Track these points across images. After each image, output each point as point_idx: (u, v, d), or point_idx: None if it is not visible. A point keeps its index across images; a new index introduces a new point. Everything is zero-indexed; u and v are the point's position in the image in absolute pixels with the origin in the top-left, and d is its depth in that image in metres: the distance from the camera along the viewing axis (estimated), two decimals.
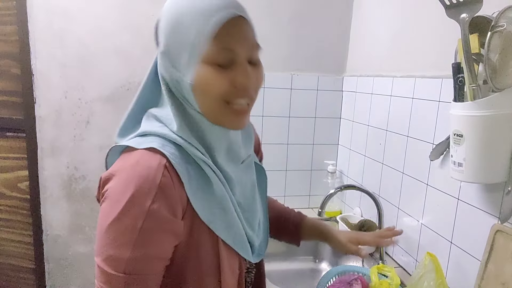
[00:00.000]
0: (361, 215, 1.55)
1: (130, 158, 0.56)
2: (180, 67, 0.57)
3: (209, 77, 0.56)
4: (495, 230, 0.86)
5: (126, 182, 0.54)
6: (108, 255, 0.53)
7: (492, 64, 0.77)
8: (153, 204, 0.53)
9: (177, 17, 0.56)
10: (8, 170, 1.60)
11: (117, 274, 0.53)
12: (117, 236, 0.53)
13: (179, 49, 0.57)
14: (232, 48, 0.56)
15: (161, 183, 0.53)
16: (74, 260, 1.65)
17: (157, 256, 0.56)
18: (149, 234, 0.53)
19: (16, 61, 1.50)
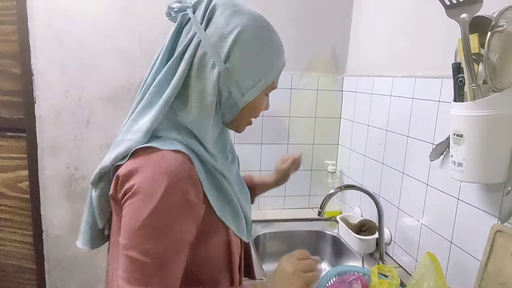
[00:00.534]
0: (361, 215, 1.55)
1: (153, 155, 0.59)
2: (242, 88, 0.66)
3: (259, 105, 0.72)
4: (495, 230, 0.86)
5: (156, 176, 0.56)
6: (148, 248, 0.56)
7: (492, 64, 0.77)
8: (187, 194, 0.58)
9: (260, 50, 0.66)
10: (8, 170, 1.60)
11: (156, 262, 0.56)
12: (156, 229, 0.56)
13: (249, 73, 0.65)
14: (276, 86, 0.75)
15: (189, 173, 0.59)
16: (74, 260, 1.65)
17: (187, 240, 0.61)
18: (185, 221, 0.59)
19: (16, 61, 1.50)
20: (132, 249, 0.56)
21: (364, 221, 1.42)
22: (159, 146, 0.59)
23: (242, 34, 0.62)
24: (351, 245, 1.42)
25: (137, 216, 0.56)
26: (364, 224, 1.41)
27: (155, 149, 0.59)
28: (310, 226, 1.61)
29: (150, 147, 0.59)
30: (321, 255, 1.58)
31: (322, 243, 1.59)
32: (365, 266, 1.22)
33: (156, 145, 0.59)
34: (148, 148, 0.59)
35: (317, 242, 1.59)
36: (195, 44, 0.62)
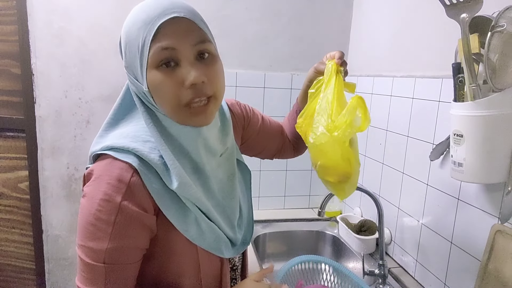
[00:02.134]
0: (361, 215, 1.55)
1: (104, 161, 0.61)
2: (138, 76, 0.61)
3: (158, 80, 0.58)
4: (495, 230, 0.86)
5: (99, 181, 0.59)
6: (88, 247, 0.58)
7: (492, 64, 0.77)
8: (124, 201, 0.58)
9: (127, 31, 0.60)
10: (8, 170, 1.60)
11: (97, 264, 0.58)
12: (95, 230, 0.58)
13: (133, 60, 0.60)
14: (172, 47, 0.57)
15: (130, 182, 0.58)
16: (74, 260, 1.65)
17: (132, 246, 0.60)
18: (123, 227, 0.58)
19: (16, 61, 1.50)
20: (79, 248, 0.60)
21: (364, 221, 1.42)
22: (114, 155, 0.60)
23: (121, 34, 0.63)
24: (351, 245, 1.42)
25: (82, 219, 0.59)
26: (364, 224, 1.41)
27: (109, 156, 0.61)
28: (310, 226, 1.61)
29: (107, 154, 0.61)
30: (321, 255, 1.57)
31: (322, 243, 1.59)
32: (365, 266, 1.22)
33: (112, 153, 0.61)
34: (105, 155, 0.62)
35: (317, 242, 1.59)
36: None
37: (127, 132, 0.64)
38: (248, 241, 0.80)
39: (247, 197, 0.84)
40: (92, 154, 0.64)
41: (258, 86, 1.65)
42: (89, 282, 0.60)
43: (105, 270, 0.59)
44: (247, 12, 1.59)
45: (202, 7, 0.72)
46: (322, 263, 1.03)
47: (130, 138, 0.62)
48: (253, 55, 1.62)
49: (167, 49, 0.57)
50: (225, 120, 0.76)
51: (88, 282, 0.60)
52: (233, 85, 1.61)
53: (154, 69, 0.58)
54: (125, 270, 0.61)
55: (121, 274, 0.61)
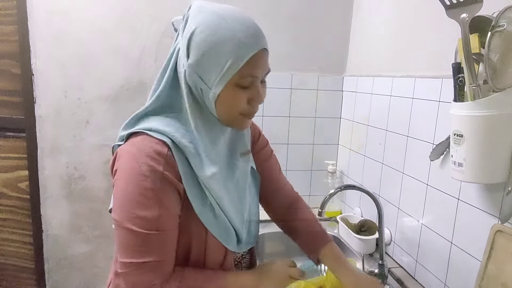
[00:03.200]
0: (361, 215, 1.55)
1: (137, 138, 0.67)
2: (208, 81, 0.66)
3: (233, 97, 0.67)
4: (495, 230, 0.86)
5: (138, 154, 0.64)
6: (140, 217, 0.63)
7: (492, 64, 0.77)
8: (165, 171, 0.64)
9: (216, 42, 0.64)
10: (8, 170, 1.60)
11: (151, 232, 0.63)
12: (144, 199, 0.63)
13: (212, 67, 0.65)
14: (255, 75, 0.67)
15: (167, 156, 0.65)
16: (74, 260, 1.65)
17: (175, 213, 0.67)
18: (168, 194, 0.65)
19: (16, 61, 1.50)
20: (127, 221, 0.63)
21: (364, 221, 1.42)
22: (147, 131, 0.67)
23: (196, 29, 0.65)
24: (351, 245, 1.42)
25: (125, 191, 0.64)
26: (364, 224, 1.41)
27: (142, 133, 0.67)
28: None
29: (139, 131, 0.68)
30: None
31: None
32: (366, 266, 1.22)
33: (145, 130, 0.67)
34: (138, 132, 0.68)
35: None
36: (176, 52, 0.70)
37: (160, 119, 0.70)
38: (252, 241, 0.86)
39: (256, 200, 0.89)
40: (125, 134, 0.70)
41: None
42: (143, 253, 0.63)
43: (158, 237, 0.64)
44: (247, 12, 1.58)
45: None
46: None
47: (163, 123, 0.69)
48: None
49: (253, 77, 0.67)
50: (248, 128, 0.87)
51: (142, 253, 0.63)
52: None
53: (233, 85, 0.66)
54: (171, 237, 0.67)
55: (169, 240, 0.67)
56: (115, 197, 0.66)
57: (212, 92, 0.66)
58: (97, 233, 1.64)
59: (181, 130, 0.69)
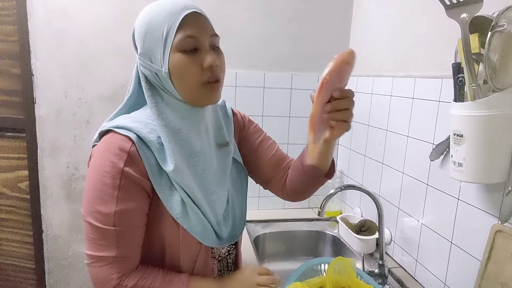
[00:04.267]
0: (361, 215, 1.55)
1: (106, 136, 0.70)
2: (157, 61, 0.69)
3: (182, 63, 0.67)
4: (495, 230, 0.86)
5: (102, 151, 0.67)
6: (98, 211, 0.65)
7: (492, 64, 0.77)
8: (126, 167, 0.65)
9: (149, 20, 0.69)
10: (8, 170, 1.60)
11: (108, 228, 0.65)
12: (102, 194, 0.65)
13: (155, 45, 0.68)
14: (195, 35, 0.68)
15: (130, 151, 0.66)
16: (74, 260, 1.65)
17: (137, 209, 0.68)
18: (128, 190, 0.66)
19: (16, 61, 1.50)
20: (88, 215, 0.66)
21: (364, 221, 1.42)
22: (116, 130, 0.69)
23: (136, 25, 0.72)
24: (351, 245, 1.42)
25: (87, 187, 0.67)
26: (364, 224, 1.41)
27: (111, 131, 0.70)
28: (310, 226, 1.61)
29: (110, 130, 0.70)
30: (321, 255, 1.58)
31: (322, 243, 1.59)
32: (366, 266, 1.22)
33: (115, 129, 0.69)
34: (109, 131, 0.70)
35: (317, 242, 1.59)
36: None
37: (130, 115, 0.73)
38: (236, 237, 0.84)
39: (241, 195, 0.88)
40: (98, 134, 0.73)
41: (258, 86, 1.65)
42: (102, 247, 0.66)
43: (116, 233, 0.65)
44: (247, 12, 1.59)
45: (202, 6, 0.73)
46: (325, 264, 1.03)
47: (132, 119, 0.71)
48: (253, 55, 1.62)
49: (191, 37, 0.68)
50: (226, 116, 0.87)
51: (100, 247, 0.66)
52: (232, 85, 1.61)
53: (177, 53, 0.67)
54: (133, 233, 0.68)
55: (130, 237, 0.67)
56: (83, 191, 0.69)
57: (163, 69, 0.68)
58: None
59: (150, 125, 0.70)
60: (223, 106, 0.89)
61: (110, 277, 0.66)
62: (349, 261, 0.91)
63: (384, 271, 1.18)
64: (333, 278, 0.88)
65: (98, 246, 0.66)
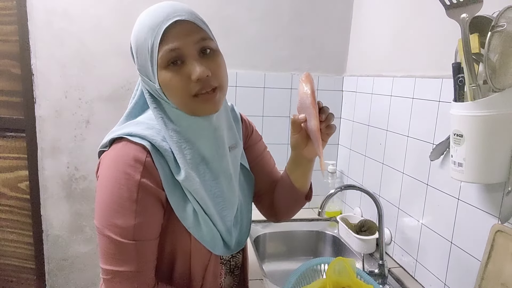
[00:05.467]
0: (361, 215, 1.55)
1: (117, 145, 0.67)
2: (150, 76, 0.67)
3: (168, 78, 0.65)
4: (495, 230, 0.86)
5: (116, 161, 0.64)
6: (116, 225, 0.62)
7: (492, 64, 0.77)
8: (142, 178, 0.63)
9: (136, 36, 0.67)
10: (8, 170, 1.60)
11: (127, 242, 0.62)
12: (120, 208, 0.62)
13: (144, 63, 0.67)
14: (177, 47, 0.64)
15: (146, 162, 0.64)
16: (74, 260, 1.65)
17: (155, 221, 0.66)
18: (145, 203, 0.64)
19: (16, 61, 1.50)
20: (106, 229, 0.63)
21: (364, 221, 1.42)
22: (129, 138, 0.66)
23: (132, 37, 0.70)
24: (351, 245, 1.42)
25: (102, 198, 0.64)
26: (364, 224, 1.41)
27: (123, 139, 0.67)
28: (310, 226, 1.61)
29: (122, 137, 0.67)
30: (321, 255, 1.58)
31: (322, 243, 1.59)
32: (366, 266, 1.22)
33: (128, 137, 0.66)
34: (120, 138, 0.67)
35: (317, 242, 1.59)
36: None
37: (142, 122, 0.70)
38: (243, 243, 0.83)
39: (248, 200, 0.87)
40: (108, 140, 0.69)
41: (258, 86, 1.65)
42: (120, 262, 0.63)
43: (135, 247, 0.63)
44: (247, 12, 1.59)
45: (203, 7, 0.73)
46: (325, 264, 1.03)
47: (144, 126, 0.69)
48: (253, 55, 1.62)
49: (173, 50, 0.64)
50: (236, 119, 0.86)
51: (119, 262, 0.63)
52: (233, 85, 1.61)
53: (163, 69, 0.65)
54: (151, 246, 0.66)
55: (148, 250, 0.66)
56: (96, 204, 0.65)
57: (156, 84, 0.66)
58: None
59: (162, 133, 0.69)
60: (232, 110, 0.87)
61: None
62: (349, 261, 0.90)
63: (384, 271, 1.18)
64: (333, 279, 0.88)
65: (116, 261, 0.63)
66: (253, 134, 0.93)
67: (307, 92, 0.73)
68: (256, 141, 0.93)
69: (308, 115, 0.73)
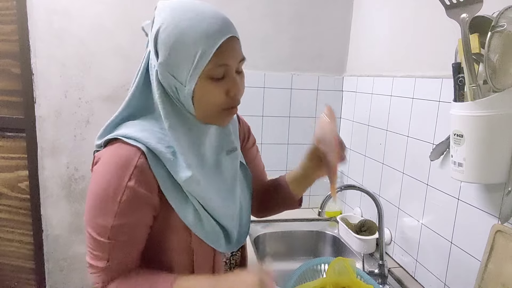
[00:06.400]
0: (361, 215, 1.55)
1: (111, 146, 0.67)
2: (181, 78, 0.65)
3: (208, 90, 0.65)
4: (495, 230, 0.86)
5: (107, 162, 0.65)
6: (96, 223, 0.64)
7: (492, 64, 0.77)
8: (130, 181, 0.63)
9: (179, 35, 0.63)
10: (8, 170, 1.60)
11: (103, 240, 0.64)
12: (102, 206, 0.63)
13: (180, 63, 0.64)
14: (226, 64, 0.65)
15: (137, 164, 0.63)
16: (74, 260, 1.65)
17: (136, 224, 0.66)
18: (128, 206, 0.63)
19: (16, 61, 1.50)
20: (88, 225, 0.65)
21: (364, 221, 1.42)
22: (122, 137, 0.66)
23: (160, 27, 0.64)
24: (351, 245, 1.42)
25: (90, 196, 0.65)
26: (364, 224, 1.42)
27: (117, 140, 0.67)
28: (310, 226, 1.61)
29: (116, 138, 0.67)
30: (321, 255, 1.58)
31: (322, 243, 1.59)
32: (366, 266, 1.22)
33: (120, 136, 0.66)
34: (115, 139, 0.67)
35: (317, 242, 1.59)
36: (147, 53, 0.70)
37: (136, 123, 0.70)
38: (242, 241, 0.83)
39: (248, 198, 0.87)
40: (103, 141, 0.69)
41: (258, 86, 1.65)
42: (94, 257, 0.66)
43: (109, 246, 0.64)
44: (247, 12, 1.59)
45: None
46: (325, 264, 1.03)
47: (139, 127, 0.68)
48: (253, 55, 1.62)
49: (223, 66, 0.65)
50: (233, 122, 0.85)
51: (94, 257, 0.66)
52: None
53: (205, 79, 0.64)
54: (128, 247, 0.66)
55: (124, 250, 0.66)
56: (86, 200, 0.67)
57: (187, 88, 0.65)
58: None
59: (158, 134, 0.68)
60: None
61: (96, 285, 0.68)
62: (349, 261, 0.91)
63: (384, 271, 1.18)
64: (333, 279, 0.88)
65: (92, 255, 0.67)
66: (251, 138, 0.94)
67: (332, 129, 0.75)
68: (250, 145, 0.94)
69: (329, 149, 0.76)
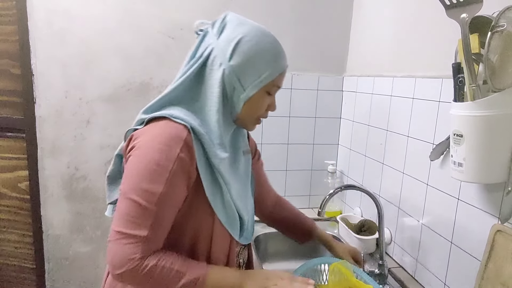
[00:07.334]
0: (361, 215, 1.55)
1: (158, 122, 0.72)
2: (244, 83, 0.75)
3: (260, 101, 0.79)
4: (495, 230, 0.86)
5: (157, 135, 0.69)
6: (144, 189, 0.66)
7: (492, 64, 0.77)
8: (182, 153, 0.68)
9: (261, 51, 0.75)
10: (8, 170, 1.60)
11: (150, 207, 0.66)
12: (153, 174, 0.66)
13: (251, 72, 0.74)
14: (279, 86, 0.81)
15: (186, 139, 0.69)
16: (74, 260, 1.65)
17: (179, 193, 0.70)
18: (177, 176, 0.68)
19: (16, 61, 1.50)
20: (132, 193, 0.66)
21: (364, 221, 1.42)
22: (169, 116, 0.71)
23: (244, 38, 0.74)
24: (351, 245, 1.42)
25: (136, 165, 0.68)
26: (364, 224, 1.42)
27: (164, 118, 0.72)
28: None
29: (162, 116, 0.72)
30: (321, 255, 1.57)
31: None
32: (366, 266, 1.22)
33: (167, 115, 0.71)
34: (160, 117, 0.72)
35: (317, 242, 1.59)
36: (209, 51, 0.76)
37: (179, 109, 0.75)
38: (250, 237, 0.89)
39: (252, 201, 0.94)
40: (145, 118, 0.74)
41: None
42: (135, 226, 0.66)
43: (155, 213, 0.66)
44: (247, 13, 1.57)
45: (203, 7, 0.73)
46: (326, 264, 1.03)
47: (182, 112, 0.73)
48: None
49: (277, 87, 0.81)
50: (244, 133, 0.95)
51: (134, 226, 0.66)
52: None
53: (262, 91, 0.77)
54: (168, 217, 0.70)
55: (165, 220, 0.69)
56: (126, 172, 0.69)
57: (245, 93, 0.75)
58: (98, 233, 1.64)
59: (197, 120, 0.74)
60: None
61: (133, 255, 0.65)
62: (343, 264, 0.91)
63: (384, 271, 1.18)
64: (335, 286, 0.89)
65: (131, 224, 0.66)
66: (257, 151, 1.04)
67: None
68: (258, 158, 1.04)
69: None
